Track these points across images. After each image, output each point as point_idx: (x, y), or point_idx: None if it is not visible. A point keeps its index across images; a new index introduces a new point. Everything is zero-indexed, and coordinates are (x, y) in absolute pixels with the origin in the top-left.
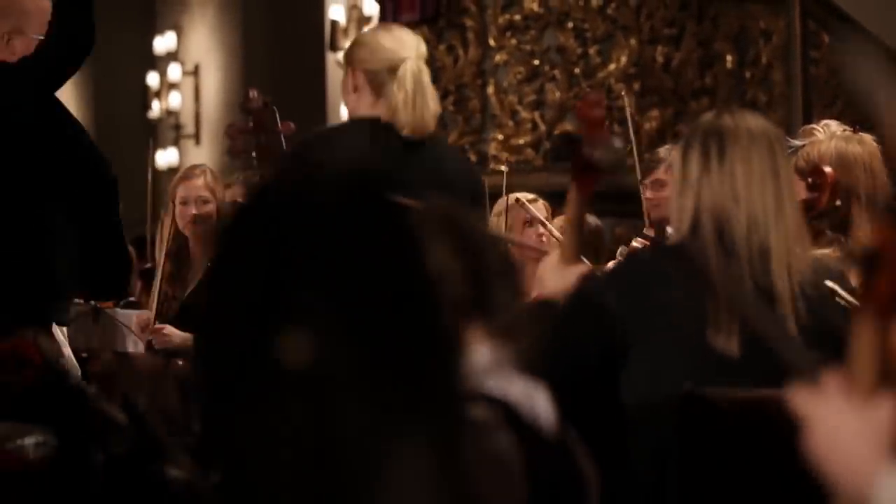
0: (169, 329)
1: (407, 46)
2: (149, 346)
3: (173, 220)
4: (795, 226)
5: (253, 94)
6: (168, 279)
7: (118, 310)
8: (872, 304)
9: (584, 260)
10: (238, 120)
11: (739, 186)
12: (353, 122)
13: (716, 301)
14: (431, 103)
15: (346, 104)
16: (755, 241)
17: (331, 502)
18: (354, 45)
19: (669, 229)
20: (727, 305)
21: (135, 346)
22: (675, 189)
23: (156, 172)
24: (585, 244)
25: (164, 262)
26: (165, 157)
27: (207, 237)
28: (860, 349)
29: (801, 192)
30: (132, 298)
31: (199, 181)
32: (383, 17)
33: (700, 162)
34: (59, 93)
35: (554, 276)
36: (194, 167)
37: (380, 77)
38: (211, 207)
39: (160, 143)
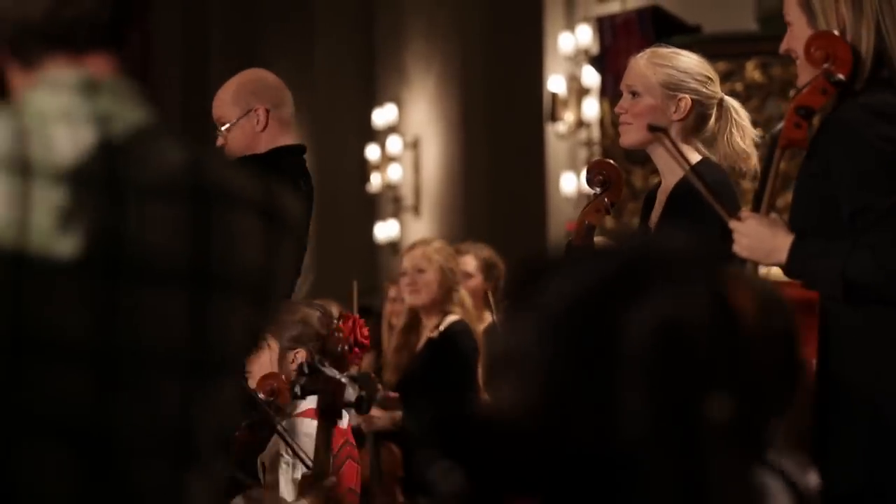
0: (374, 411)
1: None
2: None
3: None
4: None
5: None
6: (395, 351)
7: None
8: None
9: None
10: None
11: None
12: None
13: None
14: None
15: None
16: None
17: None
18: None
19: None
20: None
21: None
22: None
23: (375, 245)
24: None
25: (396, 336)
26: (385, 230)
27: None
28: None
29: None
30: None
31: (417, 251)
32: (603, 89)
33: None
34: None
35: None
36: (418, 240)
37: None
38: (427, 277)
39: (380, 216)
